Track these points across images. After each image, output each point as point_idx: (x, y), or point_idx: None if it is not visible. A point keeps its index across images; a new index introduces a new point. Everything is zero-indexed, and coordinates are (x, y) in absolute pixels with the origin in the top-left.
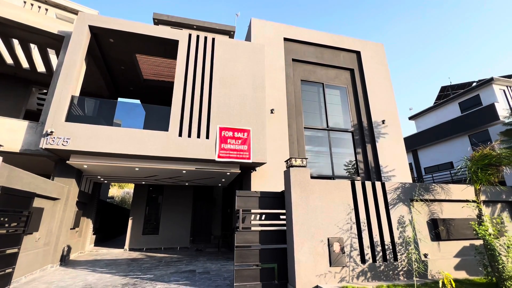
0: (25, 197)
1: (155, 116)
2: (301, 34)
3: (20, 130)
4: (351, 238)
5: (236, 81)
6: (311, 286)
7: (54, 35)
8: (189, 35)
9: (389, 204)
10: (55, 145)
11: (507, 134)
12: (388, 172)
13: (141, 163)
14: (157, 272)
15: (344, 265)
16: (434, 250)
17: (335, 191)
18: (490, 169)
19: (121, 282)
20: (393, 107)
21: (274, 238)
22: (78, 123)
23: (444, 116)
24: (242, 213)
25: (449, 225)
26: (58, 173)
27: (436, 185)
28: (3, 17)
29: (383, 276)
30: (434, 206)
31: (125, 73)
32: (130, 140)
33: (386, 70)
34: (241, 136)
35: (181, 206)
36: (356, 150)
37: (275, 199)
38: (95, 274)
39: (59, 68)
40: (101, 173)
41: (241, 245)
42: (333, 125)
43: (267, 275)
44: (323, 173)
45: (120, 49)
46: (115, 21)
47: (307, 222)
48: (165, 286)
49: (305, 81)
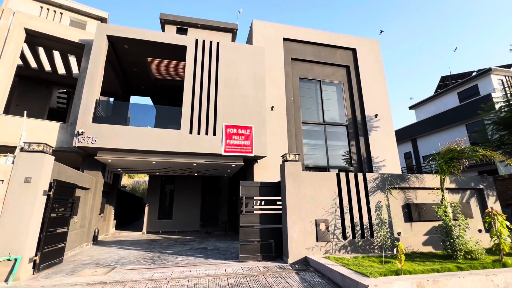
0: (70, 188)
1: (166, 115)
2: (300, 33)
3: (54, 130)
4: (335, 219)
5: (239, 82)
6: (301, 257)
7: (76, 43)
8: (195, 40)
9: (369, 192)
10: (85, 143)
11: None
12: (379, 162)
13: (157, 157)
14: (175, 249)
15: (328, 241)
16: (407, 229)
17: (323, 181)
18: (453, 162)
19: (148, 255)
20: (385, 102)
21: (271, 220)
22: (104, 124)
23: (444, 106)
24: (245, 199)
25: (421, 208)
26: (86, 167)
27: (412, 175)
28: (33, 30)
29: (361, 250)
30: (409, 193)
31: (137, 73)
32: (148, 138)
33: (380, 66)
34: (244, 133)
35: (191, 194)
36: (350, 143)
37: (272, 188)
38: (124, 250)
39: (83, 73)
40: (122, 166)
41: (245, 225)
42: (329, 119)
43: (266, 249)
44: (319, 164)
45: (133, 54)
46: (129, 30)
47: (298, 206)
48: (184, 258)
49: (303, 78)
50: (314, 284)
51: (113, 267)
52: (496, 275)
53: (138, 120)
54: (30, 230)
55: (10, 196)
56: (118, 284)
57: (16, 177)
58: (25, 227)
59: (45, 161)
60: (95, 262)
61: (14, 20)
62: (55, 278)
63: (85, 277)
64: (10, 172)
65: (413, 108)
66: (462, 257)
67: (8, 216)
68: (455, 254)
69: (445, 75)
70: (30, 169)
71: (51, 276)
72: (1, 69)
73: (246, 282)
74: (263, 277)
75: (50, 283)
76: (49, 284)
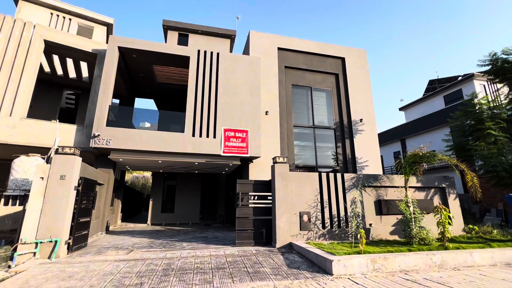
0: (92, 184)
1: (169, 118)
2: (293, 43)
3: (71, 132)
4: (316, 212)
5: (237, 90)
6: (287, 243)
7: (89, 53)
8: (198, 51)
9: (346, 189)
10: (101, 145)
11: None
12: (362, 163)
13: (163, 157)
14: (180, 237)
15: (310, 230)
16: (378, 221)
17: (307, 180)
18: (415, 166)
19: (158, 242)
20: (370, 107)
21: (263, 212)
22: (117, 128)
23: (430, 108)
24: (241, 195)
25: (389, 204)
26: (100, 165)
27: (383, 176)
28: (51, 41)
29: (337, 238)
30: (381, 190)
31: (143, 78)
32: (155, 140)
33: (367, 74)
34: (241, 136)
35: (192, 190)
36: (337, 145)
37: (264, 185)
38: (136, 238)
39: (96, 80)
40: (131, 164)
41: (240, 216)
42: (318, 123)
43: (258, 236)
44: (308, 163)
45: (140, 62)
46: (138, 41)
47: (285, 201)
48: (189, 244)
49: (296, 85)
50: (294, 262)
51: (131, 250)
52: (434, 255)
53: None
54: (66, 218)
55: (49, 191)
56: (140, 261)
57: (53, 175)
58: (62, 215)
59: (75, 162)
60: (114, 246)
61: (35, 32)
62: (87, 257)
63: (111, 256)
64: (48, 171)
65: (403, 109)
66: (416, 243)
67: (48, 206)
68: (411, 240)
69: (433, 79)
70: (64, 168)
71: (83, 255)
72: (25, 78)
73: (240, 260)
74: (254, 257)
75: (85, 260)
76: (85, 260)
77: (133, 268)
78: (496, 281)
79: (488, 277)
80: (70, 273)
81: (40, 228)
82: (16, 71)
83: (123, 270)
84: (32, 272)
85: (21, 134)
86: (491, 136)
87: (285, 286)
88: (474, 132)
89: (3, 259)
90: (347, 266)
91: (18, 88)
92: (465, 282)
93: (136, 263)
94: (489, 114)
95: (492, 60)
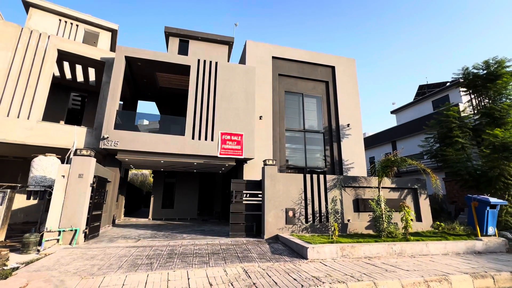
0: (103, 181)
1: (170, 122)
2: (287, 53)
3: (82, 133)
4: (300, 208)
5: (233, 96)
6: (274, 235)
7: (98, 60)
8: (198, 60)
9: (327, 189)
10: (109, 146)
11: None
12: (348, 165)
13: (165, 158)
14: (180, 230)
15: (294, 224)
16: (355, 217)
17: (293, 180)
18: (387, 169)
19: (160, 233)
20: (357, 113)
21: (254, 208)
22: (123, 130)
23: (420, 112)
24: (235, 193)
25: (366, 202)
26: (107, 164)
27: (362, 177)
28: (64, 50)
29: (318, 231)
30: (359, 190)
31: (146, 83)
32: (159, 142)
33: (355, 82)
34: (236, 139)
35: (190, 187)
36: (325, 147)
37: (255, 184)
38: (141, 230)
39: (104, 86)
40: (135, 163)
41: (234, 211)
42: (308, 127)
43: (249, 229)
44: (298, 165)
45: (144, 69)
46: (143, 51)
47: (273, 199)
48: (188, 235)
49: (288, 92)
50: (278, 249)
51: (138, 239)
52: (395, 245)
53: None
54: (83, 211)
55: (69, 187)
56: (147, 247)
57: (73, 173)
58: (80, 209)
59: (91, 162)
60: (123, 236)
61: (49, 42)
62: (102, 244)
63: (122, 243)
64: (68, 170)
65: (394, 112)
66: (385, 236)
67: (69, 201)
68: (381, 234)
69: (423, 84)
70: (81, 168)
71: (98, 243)
72: (41, 84)
73: (233, 248)
74: (245, 245)
75: (101, 246)
76: (101, 246)
77: (143, 252)
78: (440, 265)
79: (435, 262)
80: (91, 255)
81: (63, 219)
82: (32, 78)
83: (134, 254)
84: (60, 254)
85: (37, 136)
86: (459, 143)
87: (268, 267)
88: (445, 140)
89: (34, 243)
90: (320, 252)
91: (35, 93)
92: (414, 265)
93: (144, 248)
94: (458, 124)
95: (465, 74)
